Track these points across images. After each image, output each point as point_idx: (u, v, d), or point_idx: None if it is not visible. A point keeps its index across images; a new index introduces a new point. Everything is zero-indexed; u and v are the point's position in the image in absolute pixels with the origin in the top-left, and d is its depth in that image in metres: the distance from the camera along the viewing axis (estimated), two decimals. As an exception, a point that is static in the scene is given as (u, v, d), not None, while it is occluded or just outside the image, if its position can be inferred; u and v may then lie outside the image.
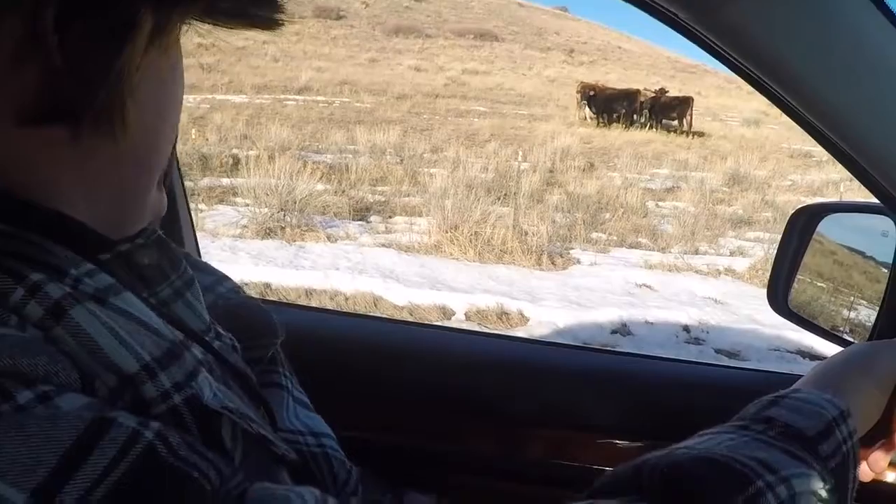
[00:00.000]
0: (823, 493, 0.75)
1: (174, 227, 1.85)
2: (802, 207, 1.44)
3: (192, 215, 1.97)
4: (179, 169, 1.92)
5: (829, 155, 1.25)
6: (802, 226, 1.41)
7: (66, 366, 0.60)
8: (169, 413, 0.67)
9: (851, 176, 1.25)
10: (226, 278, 1.15)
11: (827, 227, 1.42)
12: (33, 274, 0.64)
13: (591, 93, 28.85)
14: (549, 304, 8.11)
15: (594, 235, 11.76)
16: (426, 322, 7.05)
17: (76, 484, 0.52)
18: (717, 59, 1.17)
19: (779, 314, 1.46)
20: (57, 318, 0.62)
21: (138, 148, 0.77)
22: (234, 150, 15.44)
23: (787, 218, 1.45)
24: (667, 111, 29.08)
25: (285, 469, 0.83)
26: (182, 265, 0.85)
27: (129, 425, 0.57)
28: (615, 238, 11.82)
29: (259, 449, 0.77)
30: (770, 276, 1.46)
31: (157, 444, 0.57)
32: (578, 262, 10.21)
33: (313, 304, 7.61)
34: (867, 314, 1.45)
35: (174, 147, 0.97)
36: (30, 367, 0.57)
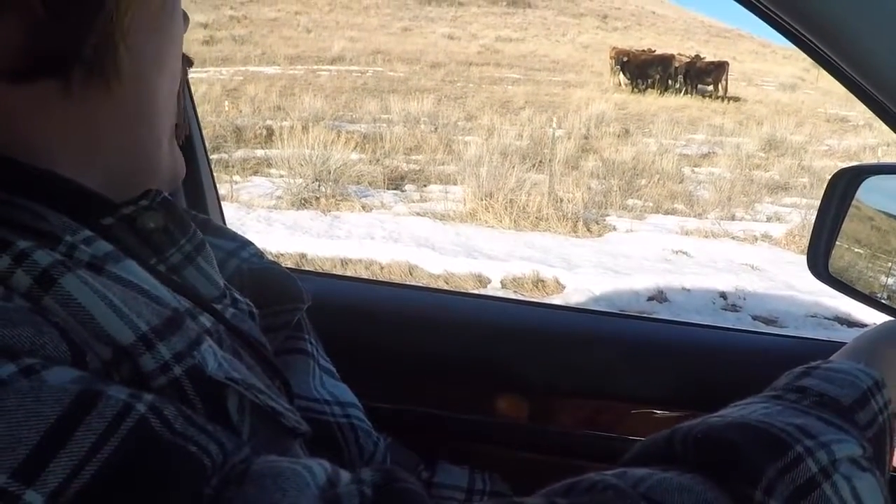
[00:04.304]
0: (863, 462, 0.72)
1: (198, 194, 1.84)
2: (843, 170, 1.40)
3: (217, 184, 1.96)
4: (202, 135, 1.90)
5: (873, 114, 1.22)
6: (843, 188, 1.37)
7: (53, 337, 0.57)
8: (170, 386, 0.64)
9: (889, 142, 1.22)
10: (248, 243, 1.13)
11: (867, 191, 1.38)
12: (20, 241, 0.61)
13: (625, 58, 28.60)
14: (586, 271, 8.09)
15: (630, 202, 11.69)
16: (456, 289, 7.04)
17: (61, 463, 0.49)
18: (755, 14, 1.14)
19: (819, 280, 1.43)
20: (45, 287, 0.59)
21: (138, 100, 0.75)
22: (268, 122, 15.45)
23: (827, 181, 1.42)
24: (702, 76, 28.80)
25: (299, 441, 0.80)
26: (191, 228, 0.82)
27: (119, 398, 0.54)
28: (651, 204, 11.75)
29: (269, 422, 0.74)
30: (810, 240, 1.43)
31: (151, 417, 0.54)
32: (614, 228, 10.16)
33: (349, 273, 7.62)
34: (905, 281, 1.43)
35: (194, 109, 0.94)
36: (13, 338, 0.54)
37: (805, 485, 0.67)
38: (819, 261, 1.41)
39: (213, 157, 12.40)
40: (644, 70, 28.62)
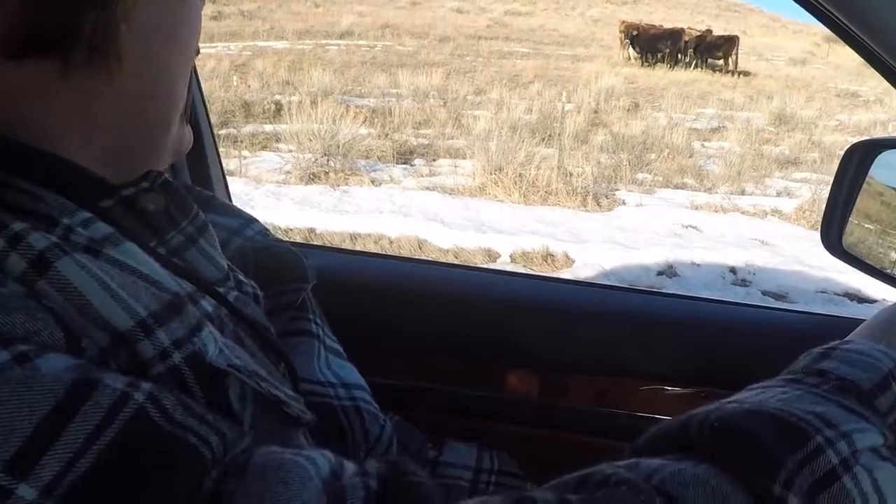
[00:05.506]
0: (884, 451, 0.70)
1: (203, 170, 1.82)
2: (857, 143, 1.38)
3: (224, 160, 1.94)
4: (207, 109, 1.89)
5: (891, 87, 1.20)
6: (857, 162, 1.36)
7: (48, 323, 0.56)
8: (168, 373, 0.62)
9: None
10: (253, 220, 1.11)
11: (878, 166, 1.37)
12: (15, 223, 0.59)
13: (635, 32, 28.44)
14: (595, 245, 8.08)
15: (639, 176, 11.66)
16: (465, 264, 7.04)
17: (55, 455, 0.48)
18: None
19: (832, 254, 1.41)
20: (41, 271, 0.58)
21: (144, 81, 0.73)
22: (277, 97, 15.42)
23: (841, 155, 1.40)
24: (712, 50, 28.64)
25: (303, 430, 0.79)
26: (193, 210, 0.81)
27: (116, 387, 0.53)
28: (661, 179, 11.72)
29: (272, 410, 0.72)
30: (823, 214, 1.41)
31: (149, 407, 0.53)
32: (624, 203, 10.14)
33: (358, 248, 7.62)
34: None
35: (199, 84, 0.91)
36: (6, 325, 0.53)
37: (825, 477, 0.65)
38: (832, 235, 1.40)
39: (222, 132, 12.39)
40: (654, 44, 28.47)
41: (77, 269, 0.60)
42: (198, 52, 0.86)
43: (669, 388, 1.63)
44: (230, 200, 1.77)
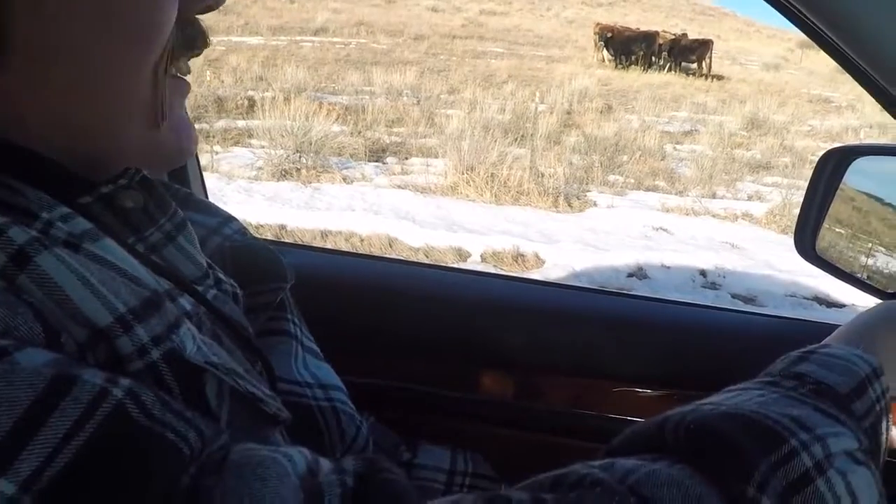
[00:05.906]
0: (859, 455, 0.70)
1: (179, 167, 1.80)
2: (832, 150, 1.39)
3: (200, 156, 1.92)
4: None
5: (864, 92, 1.21)
6: (832, 169, 1.37)
7: (27, 318, 0.55)
8: (147, 370, 0.62)
9: (872, 123, 1.20)
10: (231, 219, 1.10)
11: (854, 172, 1.38)
12: None
13: (609, 34, 28.54)
14: (566, 246, 8.10)
15: (611, 178, 11.69)
16: (440, 264, 7.03)
17: (35, 449, 0.48)
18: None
19: (805, 259, 1.43)
20: (21, 265, 0.57)
21: (70, 76, 0.69)
22: (250, 92, 15.38)
23: (813, 161, 1.41)
24: (686, 54, 28.79)
25: (279, 428, 0.78)
26: (171, 207, 0.79)
27: (95, 383, 0.52)
28: (632, 181, 11.76)
29: (249, 408, 0.72)
30: (797, 219, 1.42)
31: (128, 403, 0.53)
32: (595, 204, 10.18)
33: (328, 245, 7.60)
34: (885, 261, 1.43)
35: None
36: None
37: (798, 480, 0.65)
38: (806, 240, 1.41)
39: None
40: (628, 46, 28.58)
41: (57, 263, 0.59)
42: (207, 44, 0.84)
43: (641, 391, 1.63)
44: (207, 198, 1.76)
